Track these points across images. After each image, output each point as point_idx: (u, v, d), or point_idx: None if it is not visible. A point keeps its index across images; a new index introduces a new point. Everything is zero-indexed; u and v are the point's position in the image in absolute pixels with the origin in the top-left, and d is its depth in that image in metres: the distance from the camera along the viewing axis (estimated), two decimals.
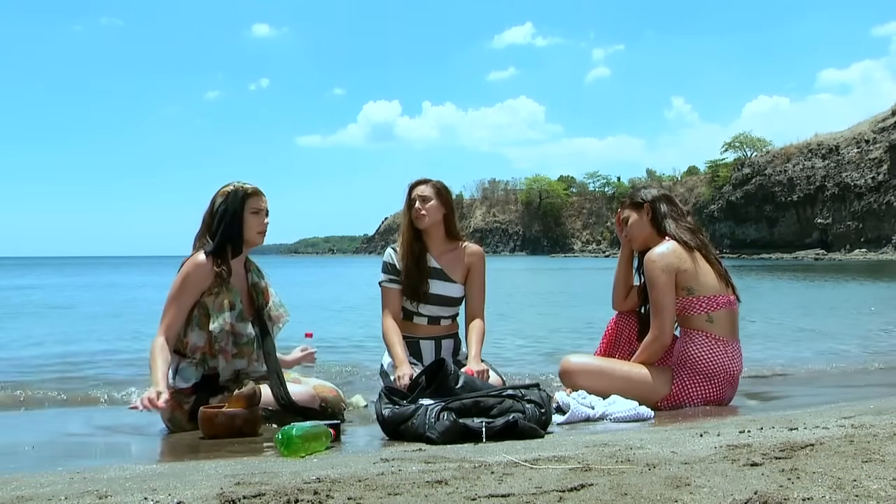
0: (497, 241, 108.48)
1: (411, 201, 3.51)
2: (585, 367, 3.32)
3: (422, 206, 3.48)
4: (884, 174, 59.95)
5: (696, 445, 2.10)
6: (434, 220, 3.51)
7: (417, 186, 3.53)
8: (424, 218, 3.48)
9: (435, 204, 3.50)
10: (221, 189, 3.26)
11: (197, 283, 3.09)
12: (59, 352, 6.06)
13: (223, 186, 3.27)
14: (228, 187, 3.24)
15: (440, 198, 3.51)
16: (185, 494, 1.65)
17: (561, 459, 1.95)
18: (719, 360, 3.21)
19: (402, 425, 2.57)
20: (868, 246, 58.39)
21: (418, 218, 3.49)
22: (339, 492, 1.63)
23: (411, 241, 3.50)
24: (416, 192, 3.51)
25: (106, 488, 1.76)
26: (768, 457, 1.85)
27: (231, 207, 3.19)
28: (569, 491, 1.58)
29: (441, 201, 3.52)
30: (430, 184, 3.53)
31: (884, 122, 63.08)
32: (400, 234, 3.57)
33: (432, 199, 3.49)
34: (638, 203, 3.45)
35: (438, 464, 1.95)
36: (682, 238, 3.30)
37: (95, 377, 4.62)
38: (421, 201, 3.48)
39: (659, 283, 3.22)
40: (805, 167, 67.95)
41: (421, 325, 3.56)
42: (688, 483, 1.61)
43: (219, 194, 3.24)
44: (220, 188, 3.27)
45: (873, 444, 1.97)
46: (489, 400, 2.59)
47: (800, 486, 1.55)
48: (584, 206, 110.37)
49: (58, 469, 2.12)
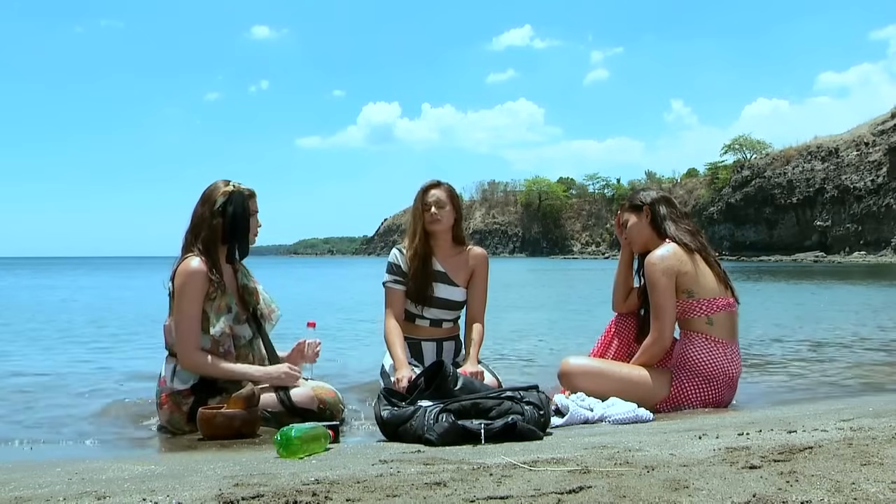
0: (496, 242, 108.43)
1: (426, 205, 3.48)
2: (585, 369, 3.31)
3: (438, 210, 3.46)
4: (883, 177, 60.01)
5: (694, 448, 2.10)
6: (447, 225, 3.51)
7: (431, 190, 3.49)
8: (440, 222, 3.48)
9: (449, 209, 3.49)
10: (217, 187, 3.17)
11: (196, 292, 3.07)
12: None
13: (217, 184, 3.20)
14: (227, 186, 3.18)
15: (453, 203, 3.51)
16: (183, 495, 1.65)
17: (560, 461, 1.95)
18: (719, 362, 3.21)
19: (401, 427, 2.57)
20: (867, 248, 58.43)
21: (433, 222, 3.47)
22: (338, 493, 1.63)
23: (421, 245, 3.49)
24: (430, 196, 3.48)
25: (104, 489, 1.76)
26: (767, 459, 1.85)
27: (239, 209, 3.16)
28: (567, 493, 1.58)
29: (454, 206, 3.51)
30: (444, 188, 3.50)
31: (883, 124, 63.16)
32: (407, 237, 3.55)
33: (447, 205, 3.48)
34: (637, 205, 3.45)
35: (437, 465, 1.95)
36: (683, 240, 3.30)
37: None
38: (437, 206, 3.46)
39: (659, 285, 3.22)
40: (804, 169, 68.01)
41: (423, 327, 3.56)
42: (686, 486, 1.61)
43: (219, 193, 3.15)
44: (213, 186, 3.20)
45: (872, 446, 1.97)
46: (488, 402, 2.59)
47: (798, 489, 1.55)
48: (583, 208, 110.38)
49: (56, 470, 2.12)
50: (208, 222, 3.14)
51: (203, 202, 3.18)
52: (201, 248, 3.12)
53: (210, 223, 3.14)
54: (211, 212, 3.15)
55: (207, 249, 3.13)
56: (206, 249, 3.13)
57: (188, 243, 3.16)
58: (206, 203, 3.17)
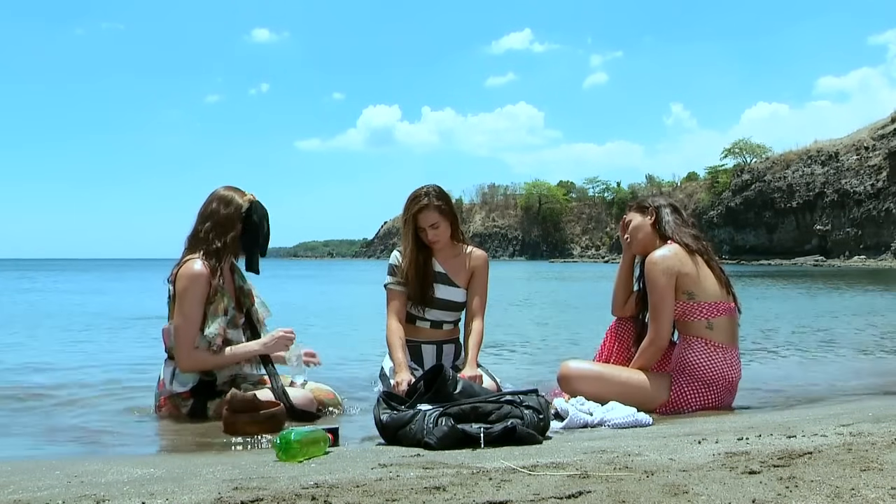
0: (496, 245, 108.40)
1: (422, 230, 3.45)
2: (584, 373, 3.32)
3: (434, 234, 3.45)
4: (883, 181, 60.03)
5: (694, 452, 2.10)
6: (446, 238, 3.51)
7: (420, 214, 3.43)
8: (439, 241, 3.49)
9: (444, 226, 3.47)
10: (234, 195, 3.17)
11: (198, 295, 3.07)
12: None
13: (229, 189, 3.21)
14: (248, 195, 3.19)
15: (445, 216, 3.46)
16: (182, 499, 1.65)
17: (559, 466, 1.95)
18: (718, 366, 3.21)
19: (400, 430, 2.57)
20: (867, 253, 58.43)
21: (433, 242, 3.48)
22: (337, 497, 1.63)
23: (416, 254, 3.49)
24: (422, 220, 3.43)
25: (104, 492, 1.76)
26: (766, 464, 1.85)
27: (263, 219, 3.19)
28: (567, 498, 1.58)
29: (447, 219, 3.48)
30: (432, 206, 3.42)
31: (883, 129, 63.19)
32: (402, 244, 3.56)
33: (441, 223, 3.46)
34: (643, 207, 3.47)
35: (436, 469, 1.95)
36: (685, 241, 3.31)
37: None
38: (431, 229, 3.44)
39: (659, 285, 3.22)
40: (804, 174, 68.05)
41: (423, 329, 3.57)
42: (686, 491, 1.61)
43: (241, 200, 3.16)
44: (226, 192, 3.19)
45: (871, 452, 1.98)
46: (487, 405, 2.58)
47: (798, 495, 1.55)
48: (583, 212, 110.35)
49: (55, 472, 2.11)
50: (236, 225, 3.14)
51: (226, 204, 3.15)
52: (218, 247, 3.11)
53: (237, 226, 3.14)
54: (237, 215, 3.15)
55: (225, 251, 3.13)
56: (224, 251, 3.13)
57: (199, 242, 3.14)
58: (229, 205, 3.16)
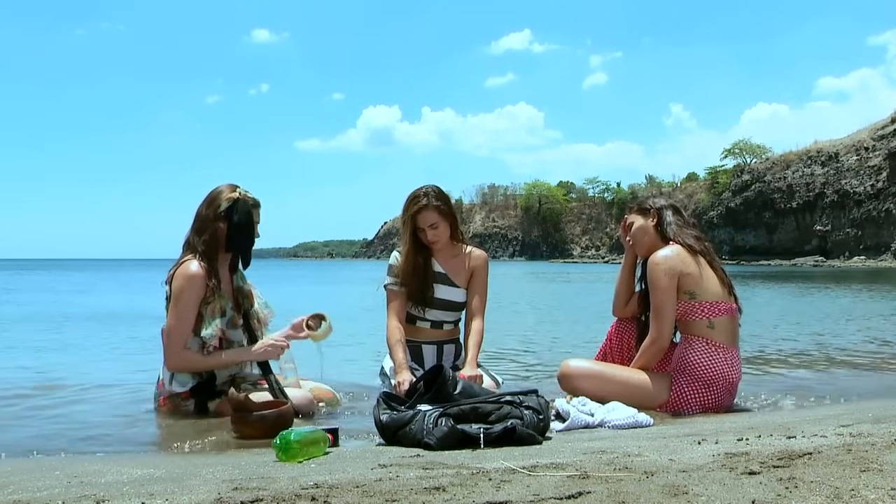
0: (496, 246, 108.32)
1: (421, 230, 3.45)
2: (584, 372, 3.32)
3: (433, 234, 3.45)
4: (883, 182, 60.00)
5: (694, 453, 2.10)
6: (446, 238, 3.51)
7: (419, 215, 3.43)
8: (439, 241, 3.49)
9: (443, 227, 3.47)
10: (222, 191, 3.17)
11: (193, 296, 3.07)
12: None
13: (223, 188, 3.20)
14: (234, 192, 3.17)
15: (444, 216, 3.46)
16: (182, 499, 1.65)
17: (559, 466, 1.94)
18: (719, 367, 3.21)
19: (400, 431, 2.57)
20: (867, 253, 58.40)
21: (433, 243, 3.48)
22: (337, 497, 1.63)
23: (415, 254, 3.49)
24: (421, 221, 3.44)
25: (103, 493, 1.75)
26: (766, 465, 1.85)
27: (244, 218, 3.15)
28: (566, 498, 1.58)
29: (446, 219, 3.48)
30: (431, 206, 3.43)
31: (883, 129, 63.13)
32: (401, 244, 3.56)
33: (440, 223, 3.46)
34: (645, 208, 3.47)
35: (436, 470, 1.95)
36: (687, 242, 3.31)
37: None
38: (431, 230, 3.44)
39: (661, 285, 3.22)
40: (804, 174, 68.00)
41: (424, 329, 3.57)
42: (685, 491, 1.60)
43: (224, 197, 3.14)
44: (219, 189, 3.20)
45: (871, 453, 1.97)
46: (487, 406, 2.58)
47: (798, 496, 1.55)
48: (583, 212, 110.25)
49: (55, 473, 2.11)
50: (212, 225, 3.13)
51: (208, 204, 3.16)
52: (203, 250, 3.11)
53: (213, 226, 3.13)
54: (215, 214, 3.13)
55: (208, 252, 3.12)
56: (207, 252, 3.12)
57: (191, 243, 3.16)
58: (210, 205, 3.16)
